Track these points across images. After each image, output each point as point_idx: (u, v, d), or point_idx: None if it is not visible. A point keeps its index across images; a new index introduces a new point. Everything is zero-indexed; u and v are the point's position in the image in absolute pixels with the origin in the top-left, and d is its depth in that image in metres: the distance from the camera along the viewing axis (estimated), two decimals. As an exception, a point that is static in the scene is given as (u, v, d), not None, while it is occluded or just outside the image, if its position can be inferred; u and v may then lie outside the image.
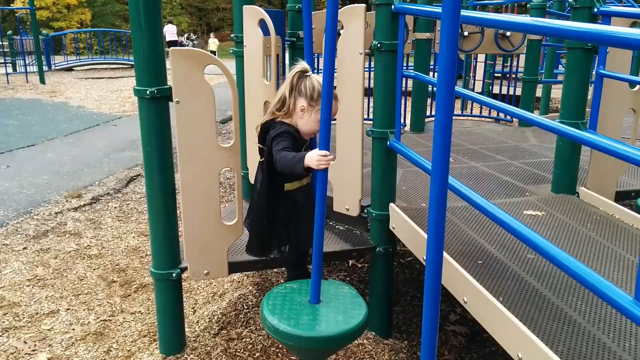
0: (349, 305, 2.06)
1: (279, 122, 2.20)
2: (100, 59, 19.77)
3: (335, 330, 1.91)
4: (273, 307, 2.04)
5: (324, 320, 1.96)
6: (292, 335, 1.90)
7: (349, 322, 1.95)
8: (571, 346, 1.81)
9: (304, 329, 1.91)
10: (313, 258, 2.04)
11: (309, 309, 2.04)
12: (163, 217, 2.76)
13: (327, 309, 2.04)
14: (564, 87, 3.21)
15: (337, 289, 2.17)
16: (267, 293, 2.17)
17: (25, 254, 4.26)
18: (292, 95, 2.19)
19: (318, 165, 1.98)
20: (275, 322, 1.94)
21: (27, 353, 2.97)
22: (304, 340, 1.90)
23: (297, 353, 2.14)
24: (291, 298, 2.10)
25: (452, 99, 1.31)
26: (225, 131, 8.91)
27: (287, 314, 1.98)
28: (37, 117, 10.25)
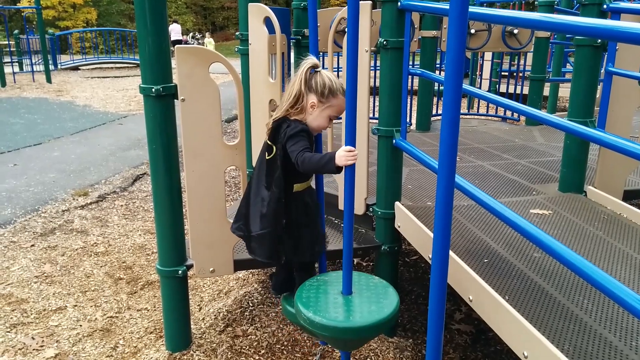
0: (381, 294, 2.08)
1: (294, 120, 2.16)
2: (106, 58, 19.85)
3: (369, 320, 1.94)
4: (307, 300, 2.05)
5: (357, 311, 1.99)
6: (328, 326, 1.92)
7: (382, 311, 1.97)
8: (577, 345, 1.80)
9: (339, 320, 1.93)
10: (344, 250, 2.05)
11: (342, 300, 2.06)
12: (169, 214, 2.76)
13: (359, 299, 2.06)
14: (573, 85, 3.19)
15: (367, 280, 2.20)
16: (300, 287, 2.17)
17: (33, 251, 4.28)
18: (304, 92, 2.16)
19: (347, 162, 1.98)
20: (311, 315, 1.96)
21: (35, 349, 2.99)
22: (339, 331, 1.92)
23: (333, 343, 2.17)
24: (324, 290, 2.11)
25: (459, 95, 1.30)
26: (230, 130, 8.93)
27: (322, 306, 2.00)
28: (44, 116, 10.30)
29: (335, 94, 2.13)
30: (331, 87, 2.13)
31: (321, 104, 2.14)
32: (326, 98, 2.13)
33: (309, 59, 2.18)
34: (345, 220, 2.02)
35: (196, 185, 2.67)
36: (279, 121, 2.17)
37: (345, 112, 1.93)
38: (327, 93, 2.12)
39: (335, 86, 2.14)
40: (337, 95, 2.14)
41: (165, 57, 2.62)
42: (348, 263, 2.04)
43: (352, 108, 1.91)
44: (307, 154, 2.06)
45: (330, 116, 2.17)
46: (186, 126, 2.59)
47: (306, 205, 2.29)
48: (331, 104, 2.14)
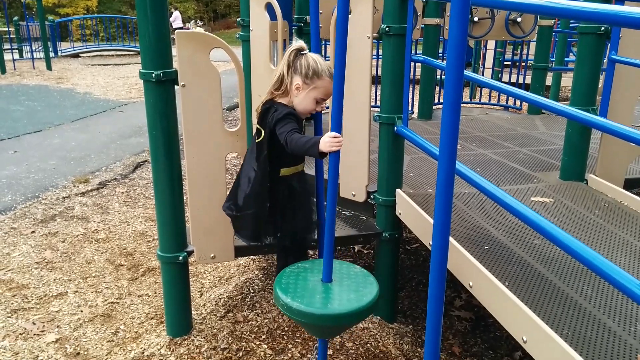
0: (361, 283, 2.08)
1: (280, 104, 2.17)
2: (107, 46, 19.76)
3: (348, 307, 1.94)
4: (286, 286, 2.05)
5: (336, 298, 1.99)
6: (305, 313, 1.92)
7: (361, 300, 1.97)
8: (576, 330, 1.81)
9: (317, 306, 1.94)
10: (325, 238, 2.05)
11: (321, 287, 2.06)
12: (169, 200, 2.76)
13: (339, 287, 2.06)
14: (575, 73, 3.18)
15: (348, 268, 2.20)
16: (280, 272, 2.18)
17: (33, 238, 4.29)
18: (289, 74, 2.16)
19: (330, 148, 1.97)
20: (289, 301, 1.96)
21: (35, 334, 3.00)
22: (317, 318, 1.92)
23: (310, 330, 2.17)
24: (304, 277, 2.12)
25: (461, 77, 1.29)
26: (231, 118, 8.91)
27: (301, 293, 2.01)
28: (44, 103, 10.28)
29: (320, 76, 2.13)
30: (316, 68, 2.13)
31: (306, 86, 2.14)
32: (310, 79, 2.13)
33: (295, 42, 2.19)
34: (328, 207, 2.01)
35: (197, 172, 2.67)
36: (268, 105, 2.20)
37: (332, 99, 1.91)
38: (312, 74, 2.12)
39: (320, 68, 2.13)
40: (322, 77, 2.13)
41: (165, 42, 2.61)
42: (329, 250, 2.05)
43: (339, 93, 1.89)
44: (296, 135, 2.07)
45: (316, 98, 2.16)
46: (186, 112, 2.58)
47: (292, 190, 2.30)
48: (316, 86, 2.14)
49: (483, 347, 2.99)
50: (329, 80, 2.13)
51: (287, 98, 2.20)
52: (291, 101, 2.19)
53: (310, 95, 2.16)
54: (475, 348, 2.97)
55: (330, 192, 2.00)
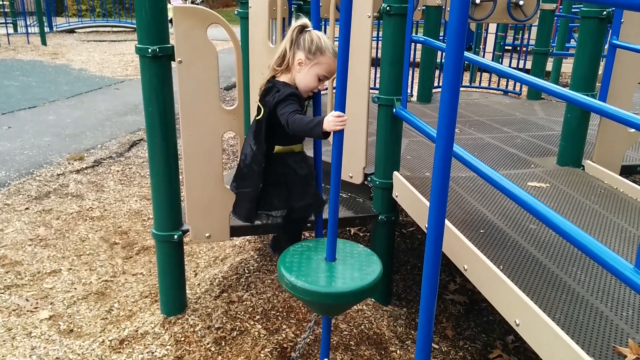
0: (364, 262, 2.08)
1: (282, 83, 2.15)
2: (103, 22, 19.49)
3: (352, 286, 1.94)
4: (290, 265, 2.05)
5: (340, 277, 1.99)
6: (310, 291, 1.92)
7: (365, 278, 1.98)
8: (569, 314, 1.81)
9: (321, 285, 1.94)
10: (329, 217, 2.04)
11: (325, 266, 2.06)
12: (165, 178, 2.74)
13: (343, 266, 2.06)
14: (576, 57, 3.16)
15: (351, 247, 2.20)
16: (284, 252, 2.17)
17: (27, 214, 4.27)
18: (292, 50, 2.13)
19: (334, 127, 1.95)
20: (293, 279, 1.96)
21: (29, 310, 3.00)
22: (321, 296, 1.93)
23: (315, 308, 2.17)
24: (307, 256, 2.12)
25: (461, 57, 1.27)
26: (229, 98, 8.85)
27: (305, 271, 2.01)
28: (39, 78, 10.17)
29: (323, 52, 2.10)
30: (319, 44, 2.10)
31: (308, 61, 2.10)
32: (313, 55, 2.10)
33: (300, 19, 2.16)
34: (331, 187, 2.01)
35: (193, 150, 2.64)
36: (270, 84, 2.17)
37: (337, 77, 1.88)
38: (315, 50, 2.09)
39: (323, 44, 2.10)
40: (325, 53, 2.10)
41: (161, 17, 2.57)
42: (333, 229, 2.04)
43: (344, 71, 1.86)
44: (298, 115, 2.05)
45: (318, 75, 2.13)
46: (183, 89, 2.55)
47: (287, 168, 2.28)
48: (319, 62, 2.11)
49: (476, 330, 3.00)
50: (332, 58, 2.10)
51: (289, 75, 2.16)
52: (293, 78, 2.16)
53: (312, 71, 2.12)
54: (468, 331, 2.99)
55: (334, 172, 1.99)
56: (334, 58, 2.10)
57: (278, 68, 2.17)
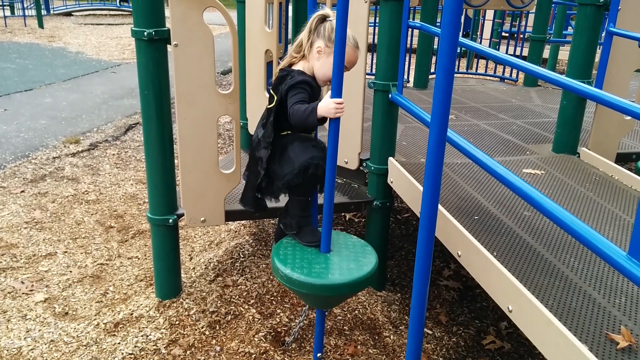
0: (360, 253, 2.08)
1: (298, 71, 2.10)
2: (100, 5, 19.30)
3: (349, 277, 1.92)
4: (284, 257, 2.03)
5: (336, 268, 1.97)
6: (306, 283, 1.90)
7: (361, 269, 1.97)
8: (562, 301, 1.82)
9: (317, 276, 1.91)
10: (324, 208, 2.02)
11: (320, 257, 2.04)
12: (160, 162, 2.74)
13: (338, 257, 2.05)
14: (573, 44, 3.15)
15: (346, 239, 2.19)
16: (277, 243, 2.16)
17: (23, 197, 4.26)
18: (310, 38, 2.08)
19: (335, 114, 1.91)
20: (288, 272, 1.93)
21: (24, 293, 3.01)
22: (317, 288, 1.90)
23: (310, 301, 2.15)
24: (301, 248, 2.11)
25: (455, 42, 1.27)
26: (226, 83, 8.80)
27: (300, 263, 1.98)
28: (35, 61, 10.10)
29: None
30: None
31: (327, 49, 2.04)
32: (333, 43, 1.98)
33: (321, 9, 2.12)
34: (327, 176, 1.98)
35: (188, 134, 2.64)
36: (285, 72, 2.12)
37: (334, 63, 1.85)
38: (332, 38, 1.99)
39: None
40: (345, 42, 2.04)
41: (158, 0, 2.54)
42: (328, 220, 2.02)
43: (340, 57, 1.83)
44: (297, 105, 2.01)
45: None
46: (179, 72, 2.54)
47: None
48: None
49: (469, 316, 3.02)
50: (352, 47, 2.05)
51: (307, 64, 2.12)
52: (311, 67, 2.11)
53: (330, 60, 2.02)
54: (461, 317, 3.01)
55: (330, 160, 1.95)
56: (355, 48, 2.07)
57: (295, 55, 2.13)
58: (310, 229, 2.20)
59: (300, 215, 2.19)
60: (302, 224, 2.20)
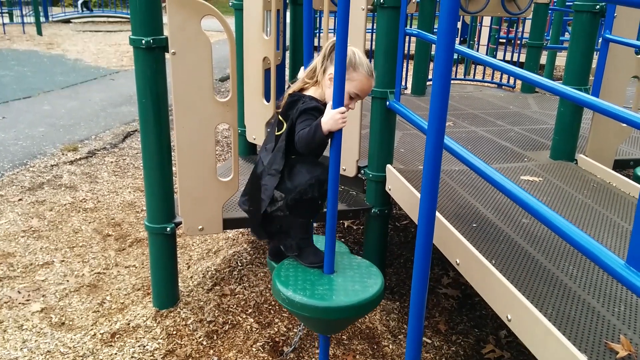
0: (365, 274, 1.99)
1: (309, 97, 2.02)
2: (99, 12, 19.36)
3: (354, 299, 1.83)
4: (286, 279, 1.95)
5: (340, 290, 1.88)
6: (308, 306, 1.81)
7: (367, 290, 1.88)
8: (560, 309, 1.82)
9: (320, 298, 1.82)
10: (327, 226, 1.93)
11: (323, 279, 1.96)
12: (158, 170, 2.73)
13: (342, 278, 1.96)
14: (569, 51, 3.15)
15: (350, 259, 2.11)
16: (278, 265, 2.08)
17: (20, 205, 4.25)
18: (323, 64, 2.00)
19: (343, 124, 1.84)
20: (290, 294, 1.85)
21: (21, 302, 2.99)
22: (321, 311, 1.81)
23: (314, 325, 2.04)
24: (304, 269, 2.03)
25: (451, 50, 1.27)
26: (224, 89, 8.81)
27: (302, 285, 1.90)
28: (34, 68, 10.11)
29: (356, 68, 1.97)
30: (353, 60, 1.97)
31: None
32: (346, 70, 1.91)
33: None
34: (329, 193, 1.89)
35: (186, 142, 2.63)
36: (296, 97, 2.04)
37: (335, 71, 1.79)
38: (348, 65, 1.91)
39: (358, 60, 1.98)
40: (359, 69, 1.98)
41: (156, 8, 2.54)
42: (331, 240, 1.95)
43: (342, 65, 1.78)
44: (302, 131, 1.93)
45: (350, 93, 1.97)
46: (177, 80, 2.53)
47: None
48: (351, 78, 1.95)
49: (469, 325, 3.01)
50: (366, 76, 1.99)
51: (318, 90, 2.05)
52: (322, 93, 2.03)
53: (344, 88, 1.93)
54: (461, 326, 3.00)
55: (332, 177, 1.88)
56: (369, 77, 2.00)
57: (309, 80, 2.06)
58: (312, 250, 2.11)
59: (301, 237, 2.11)
60: (302, 245, 2.11)
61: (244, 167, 3.72)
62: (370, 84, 2.05)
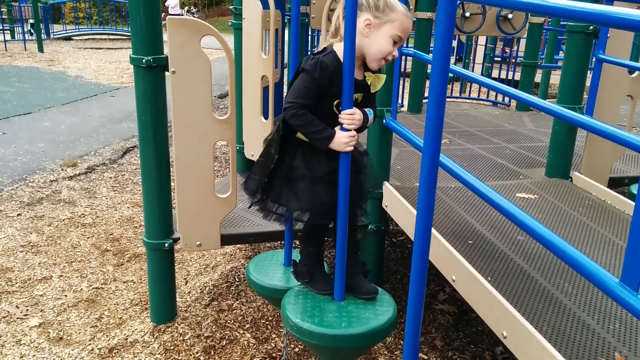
0: (377, 301, 1.97)
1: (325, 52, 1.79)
2: (100, 29, 19.52)
3: (365, 327, 1.79)
4: (295, 305, 1.92)
5: (351, 317, 1.85)
6: (317, 333, 1.77)
7: (378, 318, 1.84)
8: (556, 326, 1.83)
9: (329, 326, 1.78)
10: (337, 252, 1.88)
11: (333, 306, 1.92)
12: (156, 186, 2.76)
13: (353, 305, 1.94)
14: (563, 70, 3.20)
15: None
16: (288, 291, 2.05)
17: (19, 220, 4.27)
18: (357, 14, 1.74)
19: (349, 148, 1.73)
20: (298, 320, 1.81)
21: (19, 317, 2.99)
22: (330, 339, 1.77)
23: (323, 354, 1.99)
24: (313, 296, 2.00)
25: (446, 71, 1.31)
26: (223, 106, 8.87)
27: (311, 312, 1.87)
28: (35, 85, 10.17)
29: (393, 8, 1.77)
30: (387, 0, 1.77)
31: (377, 20, 1.75)
32: (382, 12, 1.76)
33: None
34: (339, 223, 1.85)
35: (185, 159, 2.66)
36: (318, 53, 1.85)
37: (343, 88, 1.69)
38: (383, 6, 1.75)
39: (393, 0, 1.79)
40: (396, 9, 1.77)
41: (156, 27, 2.59)
42: (341, 266, 1.93)
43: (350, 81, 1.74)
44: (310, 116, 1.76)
45: (392, 36, 1.77)
46: (176, 99, 2.57)
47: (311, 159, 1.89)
48: (390, 19, 1.76)
49: (465, 341, 3.02)
50: (404, 14, 1.78)
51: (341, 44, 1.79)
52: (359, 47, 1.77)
53: (385, 32, 1.76)
54: (457, 342, 3.00)
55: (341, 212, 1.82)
56: (410, 15, 1.81)
57: (332, 39, 1.86)
58: (323, 277, 2.05)
59: (312, 263, 2.06)
60: (313, 272, 2.05)
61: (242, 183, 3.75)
62: (410, 22, 1.83)
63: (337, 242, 1.88)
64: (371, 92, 1.91)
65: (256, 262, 2.33)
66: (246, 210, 3.21)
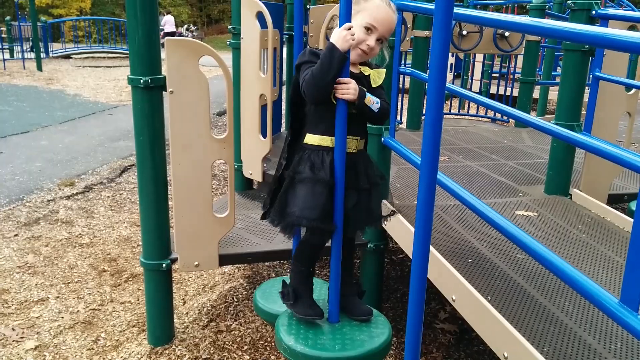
0: (372, 323, 1.96)
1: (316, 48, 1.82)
2: (99, 48, 19.66)
3: (360, 350, 1.78)
4: (289, 327, 1.90)
5: (345, 339, 1.84)
6: (311, 356, 1.76)
7: (373, 340, 1.83)
8: (557, 347, 1.81)
9: (323, 349, 1.77)
10: (331, 273, 1.87)
11: (328, 328, 1.91)
12: (154, 206, 2.75)
13: (349, 327, 1.92)
14: (560, 88, 3.21)
15: None
16: (282, 313, 2.03)
17: (16, 241, 4.24)
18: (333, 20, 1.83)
19: (352, 40, 1.67)
20: (291, 343, 1.79)
21: (14, 340, 2.96)
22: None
23: None
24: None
25: (442, 91, 1.31)
26: (221, 124, 8.89)
27: (304, 334, 1.85)
28: (33, 104, 10.20)
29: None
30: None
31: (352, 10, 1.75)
32: (356, 2, 1.75)
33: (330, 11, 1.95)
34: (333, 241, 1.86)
35: (183, 178, 2.65)
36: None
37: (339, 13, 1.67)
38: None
39: None
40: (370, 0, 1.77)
41: (154, 48, 2.60)
42: (335, 287, 1.93)
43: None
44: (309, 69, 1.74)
45: (364, 25, 1.77)
46: (174, 118, 2.57)
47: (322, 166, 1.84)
48: (363, 8, 1.77)
49: (466, 360, 2.99)
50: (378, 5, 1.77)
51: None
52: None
53: (358, 21, 1.75)
54: (458, 361, 2.97)
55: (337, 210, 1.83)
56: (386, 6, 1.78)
57: None
58: (309, 302, 1.99)
59: (300, 286, 2.01)
60: (299, 294, 1.99)
61: (240, 203, 3.74)
62: (387, 13, 1.81)
63: (331, 262, 1.87)
64: (372, 87, 1.91)
65: (263, 289, 2.31)
66: (244, 229, 3.20)
